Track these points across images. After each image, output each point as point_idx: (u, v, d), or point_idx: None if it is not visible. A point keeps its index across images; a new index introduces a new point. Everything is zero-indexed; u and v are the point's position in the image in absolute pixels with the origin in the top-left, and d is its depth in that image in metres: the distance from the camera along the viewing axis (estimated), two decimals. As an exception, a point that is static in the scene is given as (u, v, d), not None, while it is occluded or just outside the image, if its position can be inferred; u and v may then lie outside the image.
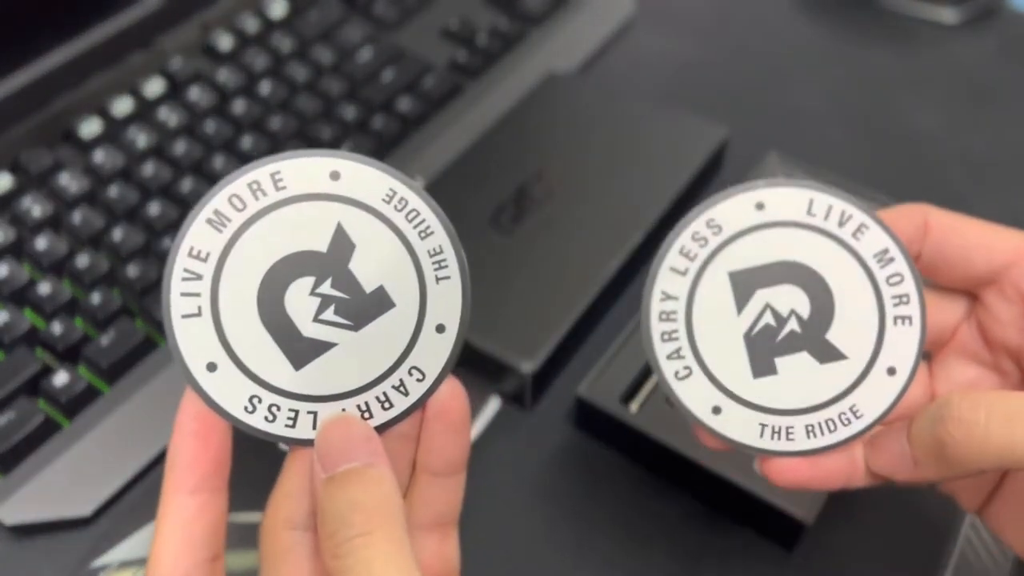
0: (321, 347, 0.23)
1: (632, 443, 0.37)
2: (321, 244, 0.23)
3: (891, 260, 0.25)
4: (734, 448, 0.25)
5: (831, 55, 0.57)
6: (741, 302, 0.25)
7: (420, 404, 0.24)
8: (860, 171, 0.49)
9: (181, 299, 0.23)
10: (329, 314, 0.23)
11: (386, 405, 0.24)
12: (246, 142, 0.46)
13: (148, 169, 0.45)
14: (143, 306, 0.40)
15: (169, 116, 0.47)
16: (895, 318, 0.25)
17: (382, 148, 0.48)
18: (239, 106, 0.48)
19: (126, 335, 0.39)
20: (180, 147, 0.46)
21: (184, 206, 0.44)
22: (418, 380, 0.24)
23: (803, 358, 0.25)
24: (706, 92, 0.54)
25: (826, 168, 0.46)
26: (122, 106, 0.47)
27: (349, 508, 0.21)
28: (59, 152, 0.46)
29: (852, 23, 0.59)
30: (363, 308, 0.23)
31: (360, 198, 0.23)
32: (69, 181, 0.44)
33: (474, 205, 0.43)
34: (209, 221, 0.23)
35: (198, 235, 0.23)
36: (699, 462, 0.34)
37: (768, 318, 0.25)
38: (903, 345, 0.25)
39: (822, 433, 0.25)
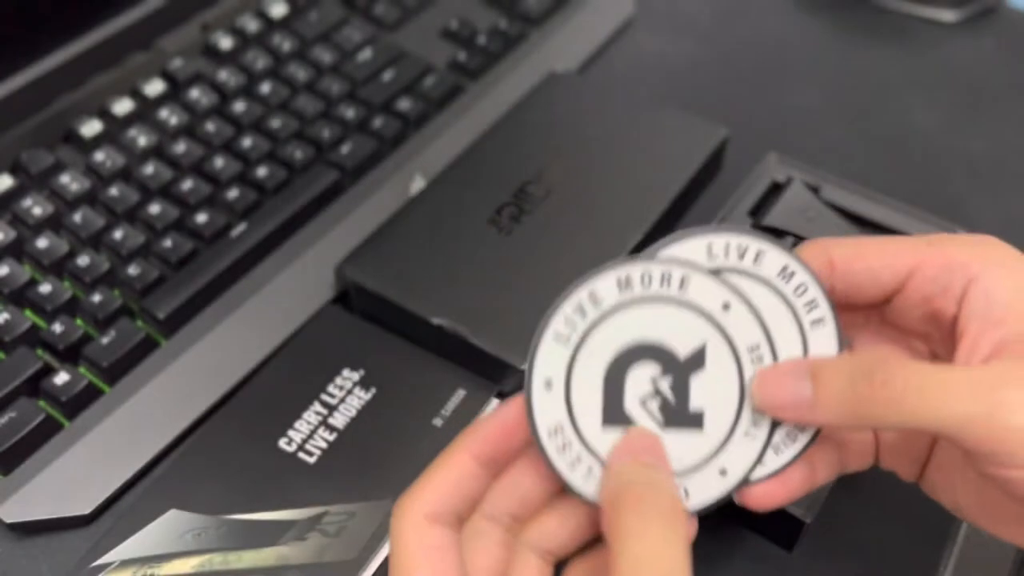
0: (628, 421, 0.26)
1: None
2: (683, 350, 0.26)
3: (792, 274, 0.27)
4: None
5: (831, 55, 0.57)
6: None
7: None
8: (859, 171, 0.49)
9: (560, 321, 0.26)
10: (652, 404, 0.26)
11: None
12: (246, 142, 0.46)
13: (148, 169, 0.45)
14: (143, 306, 0.40)
15: (169, 116, 0.47)
16: (811, 323, 0.27)
17: (383, 148, 0.48)
18: (239, 106, 0.48)
19: (126, 335, 0.39)
20: (180, 147, 0.46)
21: (184, 205, 0.44)
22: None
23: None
24: (706, 92, 0.54)
25: (825, 168, 0.46)
26: (122, 106, 0.47)
27: (636, 479, 0.25)
28: (59, 152, 0.46)
29: (851, 23, 0.59)
30: (678, 417, 0.26)
31: (730, 335, 0.26)
32: (69, 181, 0.44)
33: (474, 205, 0.43)
34: (622, 281, 0.26)
35: (605, 284, 0.26)
36: None
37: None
38: (823, 345, 0.26)
39: (786, 447, 0.26)
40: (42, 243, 0.41)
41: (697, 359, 0.26)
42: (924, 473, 0.29)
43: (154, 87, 0.48)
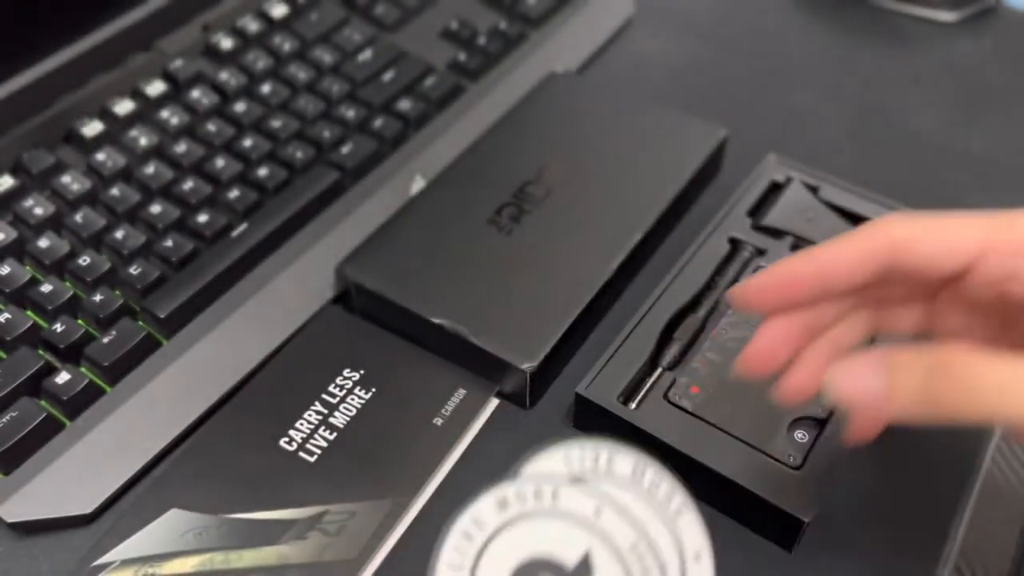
0: None
1: (631, 441, 0.37)
2: (570, 560, 0.27)
3: (644, 471, 0.28)
4: None
5: (830, 55, 0.57)
6: None
7: None
8: (858, 171, 0.49)
9: (450, 551, 0.26)
10: None
11: None
12: (247, 142, 0.46)
13: (149, 169, 0.45)
14: (144, 306, 0.40)
15: (170, 117, 0.47)
16: (673, 513, 0.28)
17: (383, 148, 0.48)
18: (240, 107, 0.48)
19: (127, 335, 0.39)
20: (181, 147, 0.46)
21: (185, 205, 0.44)
22: None
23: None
24: (705, 92, 0.54)
25: (824, 168, 0.46)
26: (123, 107, 0.47)
27: None
28: (60, 152, 0.46)
29: (850, 23, 0.60)
30: None
31: (609, 537, 0.27)
32: (70, 181, 0.44)
33: (474, 205, 0.44)
34: (500, 502, 0.27)
35: (486, 508, 0.27)
36: (699, 460, 0.35)
37: None
38: (691, 534, 0.27)
39: None
40: (43, 243, 0.41)
41: (585, 566, 0.27)
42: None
43: (155, 87, 0.48)
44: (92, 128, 0.46)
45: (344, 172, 0.46)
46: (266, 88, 0.49)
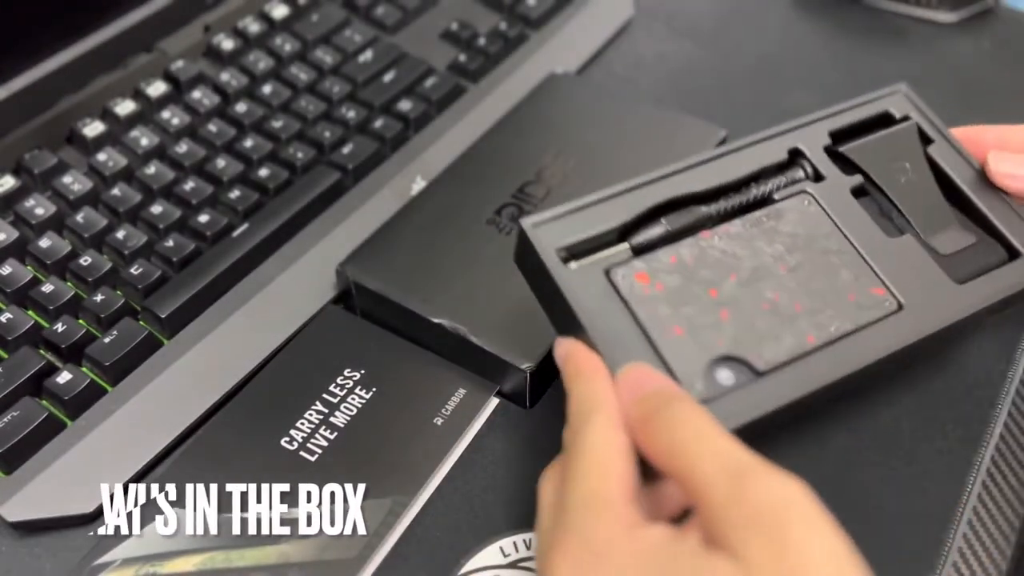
0: None
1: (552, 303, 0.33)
2: None
3: None
4: None
5: (828, 56, 0.57)
6: None
7: None
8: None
9: None
10: None
11: None
12: (248, 143, 0.47)
13: (151, 169, 0.45)
14: (146, 305, 0.40)
15: (171, 117, 0.47)
16: None
17: (384, 149, 0.48)
18: (241, 107, 0.48)
19: (129, 334, 0.39)
20: (182, 148, 0.46)
21: (186, 206, 0.44)
22: None
23: None
24: (704, 93, 0.55)
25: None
26: (125, 107, 0.47)
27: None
28: (62, 153, 0.46)
29: (849, 24, 0.60)
30: None
31: None
32: (72, 181, 0.44)
33: (474, 205, 0.44)
34: None
35: None
36: (599, 347, 0.31)
37: None
38: None
39: None
40: (45, 243, 0.42)
41: None
42: None
43: (156, 88, 0.49)
44: (94, 128, 0.46)
45: (345, 173, 0.46)
46: (267, 89, 0.50)
